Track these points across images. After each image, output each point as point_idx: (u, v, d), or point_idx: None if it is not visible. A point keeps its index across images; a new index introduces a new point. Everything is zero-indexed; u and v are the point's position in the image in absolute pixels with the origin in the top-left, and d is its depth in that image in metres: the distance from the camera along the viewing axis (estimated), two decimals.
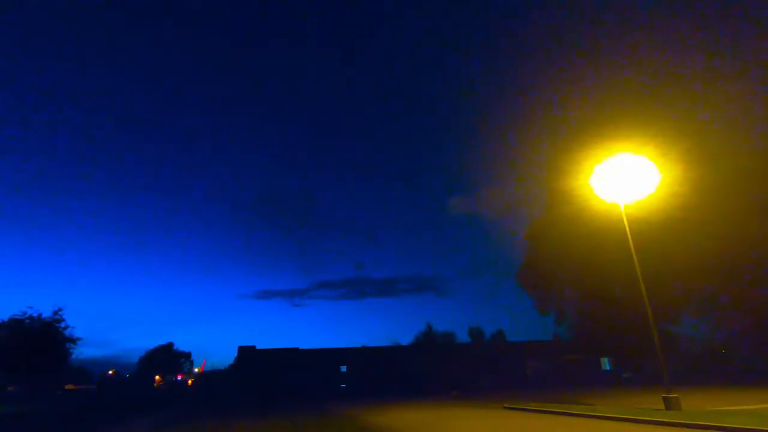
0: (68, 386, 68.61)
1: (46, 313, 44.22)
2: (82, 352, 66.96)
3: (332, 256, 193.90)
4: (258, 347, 50.14)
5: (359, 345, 51.86)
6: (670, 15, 40.12)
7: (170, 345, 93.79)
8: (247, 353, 49.88)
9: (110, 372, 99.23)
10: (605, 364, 49.90)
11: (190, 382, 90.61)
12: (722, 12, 33.55)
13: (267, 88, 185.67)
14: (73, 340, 45.28)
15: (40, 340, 42.24)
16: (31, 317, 43.33)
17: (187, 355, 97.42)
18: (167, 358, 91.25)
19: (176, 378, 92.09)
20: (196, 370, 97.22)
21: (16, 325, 42.52)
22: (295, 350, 50.47)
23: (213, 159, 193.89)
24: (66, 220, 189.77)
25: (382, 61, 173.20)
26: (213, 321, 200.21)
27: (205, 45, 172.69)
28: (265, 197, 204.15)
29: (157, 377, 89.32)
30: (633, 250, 16.73)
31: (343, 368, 49.68)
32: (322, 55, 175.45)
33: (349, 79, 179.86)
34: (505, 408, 19.53)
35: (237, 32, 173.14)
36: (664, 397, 14.71)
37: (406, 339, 76.79)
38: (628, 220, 17.43)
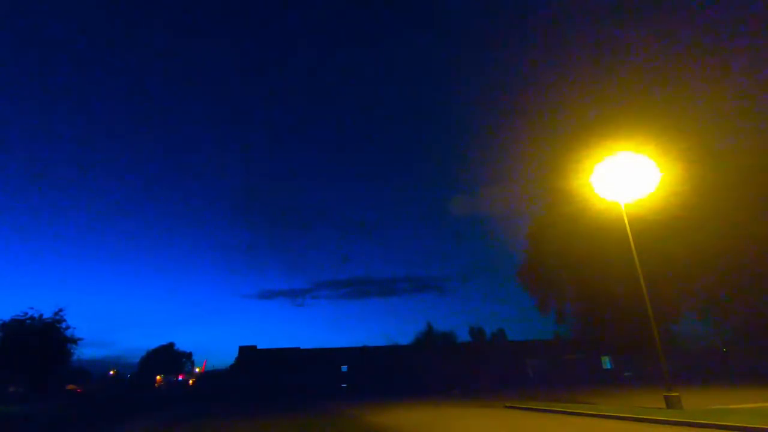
0: (69, 386, 68.76)
1: (47, 314, 44.20)
2: (83, 352, 67.19)
3: (334, 256, 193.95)
4: (259, 347, 50.24)
5: (360, 345, 51.98)
6: (669, 15, 40.15)
7: (171, 345, 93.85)
8: (248, 353, 49.96)
9: (111, 372, 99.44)
10: (606, 362, 49.96)
11: (191, 382, 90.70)
12: (722, 12, 33.58)
13: (266, 88, 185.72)
14: (74, 341, 45.25)
15: (41, 341, 42.23)
16: (32, 318, 43.33)
17: (188, 355, 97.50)
18: (168, 358, 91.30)
19: (177, 378, 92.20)
20: (197, 370, 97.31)
21: (17, 325, 42.51)
22: (296, 350, 50.51)
23: (214, 159, 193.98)
24: (67, 221, 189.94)
25: (382, 59, 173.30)
26: (214, 321, 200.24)
27: (193, 46, 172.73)
28: (268, 198, 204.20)
29: (158, 377, 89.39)
30: (633, 249, 16.74)
31: (344, 368, 49.74)
32: (318, 50, 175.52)
33: (349, 79, 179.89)
34: (507, 407, 19.53)
35: (220, 30, 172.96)
36: (665, 395, 14.73)
37: (407, 338, 76.63)
38: (628, 219, 17.44)
